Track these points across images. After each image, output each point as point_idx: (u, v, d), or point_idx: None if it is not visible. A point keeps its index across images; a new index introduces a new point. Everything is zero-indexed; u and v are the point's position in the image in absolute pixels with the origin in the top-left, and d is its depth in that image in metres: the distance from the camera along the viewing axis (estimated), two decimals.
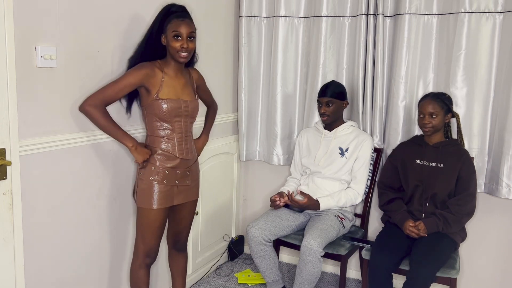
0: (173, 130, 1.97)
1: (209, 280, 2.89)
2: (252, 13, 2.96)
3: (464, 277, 2.65)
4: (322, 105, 2.53)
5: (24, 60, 1.66)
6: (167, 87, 1.94)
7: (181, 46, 1.91)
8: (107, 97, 1.85)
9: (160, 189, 1.95)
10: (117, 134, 1.89)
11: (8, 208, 1.66)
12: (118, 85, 1.86)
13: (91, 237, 2.05)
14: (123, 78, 1.87)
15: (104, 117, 1.84)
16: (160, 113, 1.92)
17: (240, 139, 3.10)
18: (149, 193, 1.95)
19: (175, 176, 2.00)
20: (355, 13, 2.69)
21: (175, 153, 1.98)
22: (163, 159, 1.96)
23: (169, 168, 1.97)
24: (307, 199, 2.45)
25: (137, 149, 1.91)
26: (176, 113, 1.95)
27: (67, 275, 1.96)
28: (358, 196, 2.54)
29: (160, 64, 1.96)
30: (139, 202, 1.98)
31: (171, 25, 1.91)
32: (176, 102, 1.95)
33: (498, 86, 2.42)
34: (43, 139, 1.76)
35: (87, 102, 1.82)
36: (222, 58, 2.92)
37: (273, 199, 2.52)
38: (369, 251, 2.31)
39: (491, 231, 2.57)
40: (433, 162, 2.33)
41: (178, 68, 2.00)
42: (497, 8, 2.36)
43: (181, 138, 2.01)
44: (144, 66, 1.91)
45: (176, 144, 1.99)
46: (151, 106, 1.93)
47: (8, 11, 1.57)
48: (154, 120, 1.95)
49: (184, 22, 1.92)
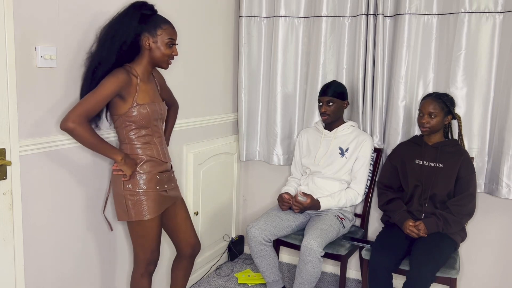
0: (153, 134, 1.90)
1: (209, 280, 2.89)
2: (252, 13, 2.96)
3: (464, 277, 2.65)
4: (322, 105, 2.53)
5: (24, 60, 1.66)
6: (142, 92, 1.85)
7: (173, 54, 1.88)
8: (90, 110, 1.71)
9: (152, 197, 1.87)
10: (104, 150, 1.77)
11: (8, 208, 1.66)
12: (98, 96, 1.72)
13: (91, 237, 2.05)
14: (101, 88, 1.73)
15: (89, 134, 1.71)
16: (139, 119, 1.83)
17: (240, 139, 3.10)
18: (141, 205, 1.85)
19: (164, 180, 1.94)
20: (355, 13, 2.69)
21: (160, 157, 1.92)
22: (153, 165, 1.89)
23: (159, 173, 1.91)
24: (309, 200, 2.45)
25: (126, 162, 1.81)
26: (154, 117, 1.88)
27: (67, 275, 1.96)
28: (358, 196, 2.54)
29: (131, 68, 1.85)
30: (131, 216, 1.86)
31: (164, 31, 1.83)
32: (154, 106, 1.88)
33: (498, 86, 2.42)
34: (43, 139, 1.76)
35: (69, 119, 1.67)
36: (222, 58, 2.92)
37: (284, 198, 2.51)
38: (369, 251, 2.31)
39: (491, 231, 2.57)
40: (432, 162, 2.33)
41: (150, 72, 1.91)
42: (497, 8, 2.36)
43: (161, 141, 1.95)
44: (121, 72, 1.78)
45: (159, 149, 1.93)
46: (127, 114, 1.82)
47: (8, 11, 1.57)
48: (132, 127, 1.85)
49: (174, 29, 1.88)
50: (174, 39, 1.87)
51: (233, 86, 3.08)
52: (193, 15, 2.57)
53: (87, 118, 1.72)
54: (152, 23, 1.83)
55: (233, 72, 3.06)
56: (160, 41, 1.84)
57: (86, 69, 1.84)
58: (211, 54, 2.78)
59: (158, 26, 1.83)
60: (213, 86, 2.85)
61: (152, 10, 1.87)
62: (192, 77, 2.63)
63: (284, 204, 2.53)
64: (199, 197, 2.73)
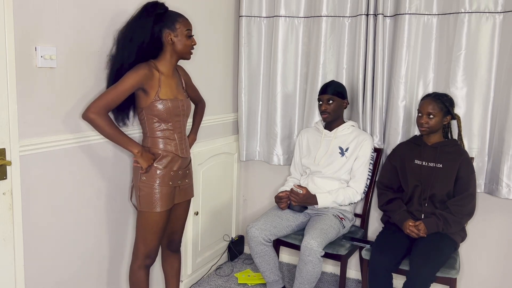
0: (174, 130, 1.98)
1: (209, 280, 2.89)
2: (252, 13, 2.96)
3: (464, 277, 2.65)
4: (323, 103, 2.53)
5: (24, 60, 1.66)
6: (165, 87, 1.94)
7: (193, 44, 1.98)
8: (110, 102, 1.81)
9: (164, 191, 1.95)
10: (122, 141, 1.86)
11: (8, 208, 1.66)
12: (119, 89, 1.82)
13: (91, 237, 2.05)
14: (123, 82, 1.83)
15: (109, 125, 1.81)
16: (161, 113, 1.92)
17: (240, 139, 3.10)
18: (153, 197, 1.94)
19: (178, 176, 2.01)
20: (355, 13, 2.69)
21: (177, 152, 1.99)
22: (168, 161, 1.96)
23: (174, 170, 1.98)
24: (305, 190, 2.46)
25: (143, 155, 1.89)
26: (176, 112, 1.96)
27: (67, 275, 1.96)
28: (357, 194, 2.53)
29: (155, 64, 1.95)
30: (142, 206, 1.96)
31: (181, 24, 1.94)
32: (175, 101, 1.96)
33: (498, 86, 2.42)
34: (43, 139, 1.77)
35: (90, 110, 1.78)
36: (222, 58, 2.92)
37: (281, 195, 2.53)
38: (369, 251, 2.31)
39: (491, 231, 2.57)
40: (432, 163, 2.33)
41: (173, 67, 2.01)
42: (497, 8, 2.36)
43: (181, 137, 2.02)
44: (142, 67, 1.87)
45: (178, 144, 2.00)
46: (150, 108, 1.91)
47: (8, 11, 1.57)
48: (154, 121, 1.94)
49: (188, 20, 1.98)
50: (190, 30, 1.98)
51: (233, 86, 3.08)
52: (193, 15, 2.57)
53: (107, 110, 1.82)
54: (169, 19, 1.94)
55: (233, 72, 3.06)
56: (180, 34, 1.94)
57: (109, 71, 1.95)
58: (211, 54, 2.78)
59: (175, 20, 1.94)
60: (213, 86, 2.85)
61: (164, 8, 1.96)
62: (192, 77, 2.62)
63: (282, 202, 2.53)
64: (199, 197, 2.72)
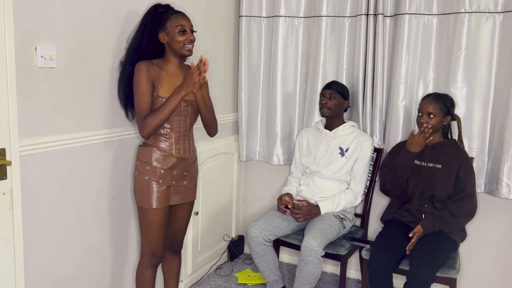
0: (171, 129, 1.97)
1: (209, 280, 2.89)
2: (252, 13, 2.95)
3: (464, 277, 2.65)
4: (324, 97, 2.54)
5: (24, 60, 1.66)
6: (167, 85, 1.94)
7: (187, 39, 1.94)
8: (144, 109, 1.89)
9: (156, 188, 1.95)
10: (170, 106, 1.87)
11: (8, 208, 1.66)
12: (139, 94, 1.89)
13: (91, 237, 2.05)
14: (136, 86, 1.89)
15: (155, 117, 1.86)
16: None
17: (240, 139, 3.10)
18: (145, 193, 1.95)
19: (171, 176, 1.99)
20: (355, 13, 2.69)
21: (171, 152, 1.97)
22: (159, 159, 1.96)
23: (165, 168, 1.96)
24: (306, 202, 2.46)
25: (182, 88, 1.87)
26: (175, 112, 1.94)
27: (67, 275, 1.96)
28: (358, 197, 2.54)
29: (158, 62, 1.97)
30: (137, 201, 2.00)
31: (172, 21, 1.92)
32: None
33: (498, 86, 2.41)
34: (43, 139, 1.77)
35: (140, 129, 1.89)
36: (222, 58, 2.92)
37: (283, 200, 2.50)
38: (369, 251, 2.31)
39: (491, 231, 2.57)
40: (431, 163, 2.33)
41: (178, 65, 2.00)
42: (497, 8, 2.36)
43: (179, 137, 2.00)
44: (141, 63, 1.91)
45: (174, 143, 1.98)
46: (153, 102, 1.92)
47: (8, 11, 1.57)
48: None
49: (185, 16, 1.96)
50: (183, 25, 1.94)
51: (233, 86, 3.08)
52: (193, 15, 2.56)
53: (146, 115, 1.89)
54: (163, 19, 1.94)
55: (233, 72, 3.06)
56: (171, 32, 1.92)
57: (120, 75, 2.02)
58: (211, 54, 2.77)
59: (166, 19, 1.94)
60: (213, 86, 2.85)
61: (166, 8, 1.97)
62: None
63: (281, 204, 2.52)
64: (199, 197, 2.72)
